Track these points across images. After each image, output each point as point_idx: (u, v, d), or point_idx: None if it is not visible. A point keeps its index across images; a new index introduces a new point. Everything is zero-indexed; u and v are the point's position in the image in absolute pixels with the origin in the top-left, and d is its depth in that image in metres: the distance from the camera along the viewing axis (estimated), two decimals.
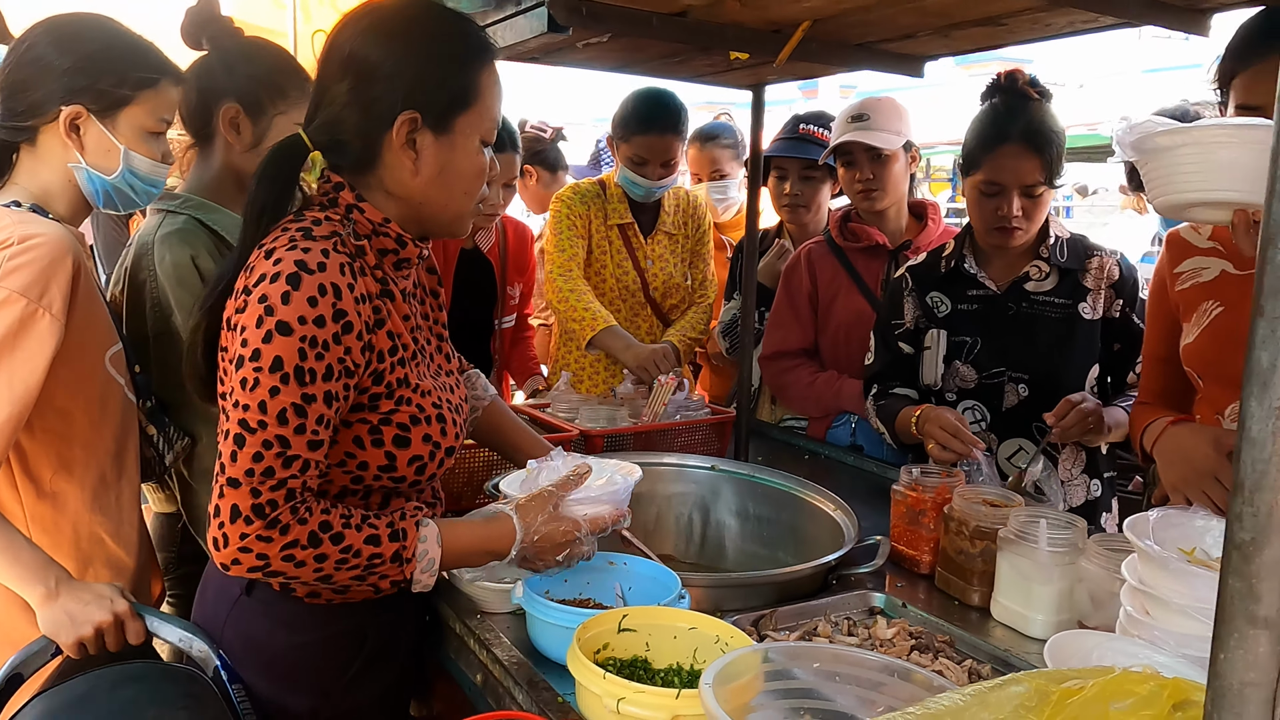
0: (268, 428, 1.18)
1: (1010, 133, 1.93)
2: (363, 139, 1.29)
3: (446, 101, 1.29)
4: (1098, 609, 1.42)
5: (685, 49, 1.74)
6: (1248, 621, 0.52)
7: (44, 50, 1.53)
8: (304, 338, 1.18)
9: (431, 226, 1.38)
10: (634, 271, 2.90)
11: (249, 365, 1.18)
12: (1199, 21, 1.35)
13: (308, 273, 1.20)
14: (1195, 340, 1.67)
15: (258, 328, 1.18)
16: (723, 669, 1.05)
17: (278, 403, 1.18)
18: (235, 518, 1.17)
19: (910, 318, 2.19)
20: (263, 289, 1.19)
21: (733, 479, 2.05)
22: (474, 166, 1.34)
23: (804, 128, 2.78)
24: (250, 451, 1.18)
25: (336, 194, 1.32)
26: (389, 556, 1.25)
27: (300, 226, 1.26)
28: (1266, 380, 0.51)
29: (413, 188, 1.32)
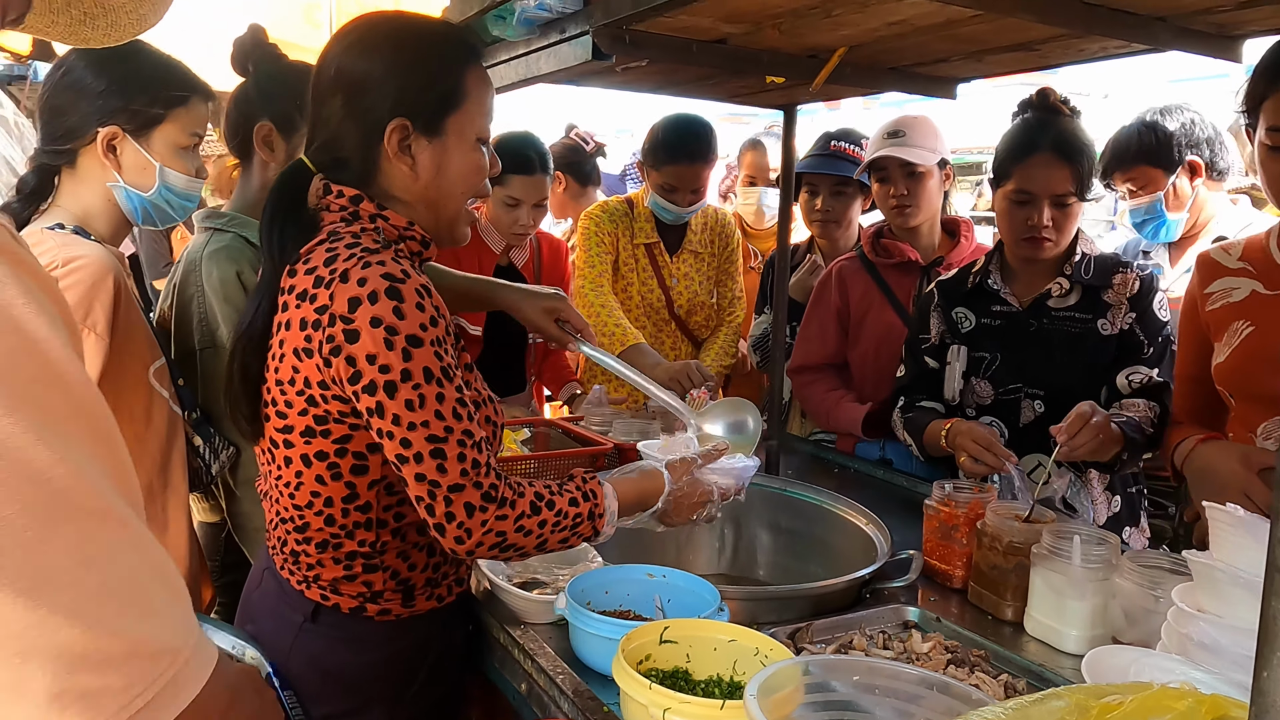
0: (454, 431, 1.24)
1: (1041, 143, 1.95)
2: (361, 152, 1.34)
3: (434, 105, 1.32)
4: (1132, 625, 1.43)
5: (720, 71, 1.78)
6: None
7: (80, 74, 1.59)
8: (433, 341, 1.23)
9: (439, 232, 1.42)
10: (659, 289, 2.98)
11: (405, 387, 1.21)
12: (1230, 47, 1.37)
13: (400, 283, 1.22)
14: (1226, 360, 1.69)
15: (390, 350, 1.20)
16: (765, 681, 1.07)
17: (447, 405, 1.24)
18: (472, 512, 1.24)
19: (935, 333, 2.21)
20: (367, 313, 1.21)
21: (765, 492, 2.07)
22: (470, 165, 1.38)
23: (835, 144, 2.81)
24: (454, 454, 1.23)
25: (356, 206, 1.34)
26: (586, 514, 1.35)
27: (346, 244, 1.28)
28: None
29: (415, 192, 1.36)
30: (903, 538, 1.78)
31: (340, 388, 1.25)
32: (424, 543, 1.39)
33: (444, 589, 1.45)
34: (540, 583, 1.58)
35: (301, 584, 1.39)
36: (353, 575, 1.36)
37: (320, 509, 1.33)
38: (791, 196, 2.39)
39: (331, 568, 1.36)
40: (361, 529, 1.34)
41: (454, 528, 1.24)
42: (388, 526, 1.35)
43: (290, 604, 1.40)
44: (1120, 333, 2.00)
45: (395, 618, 1.40)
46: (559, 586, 1.52)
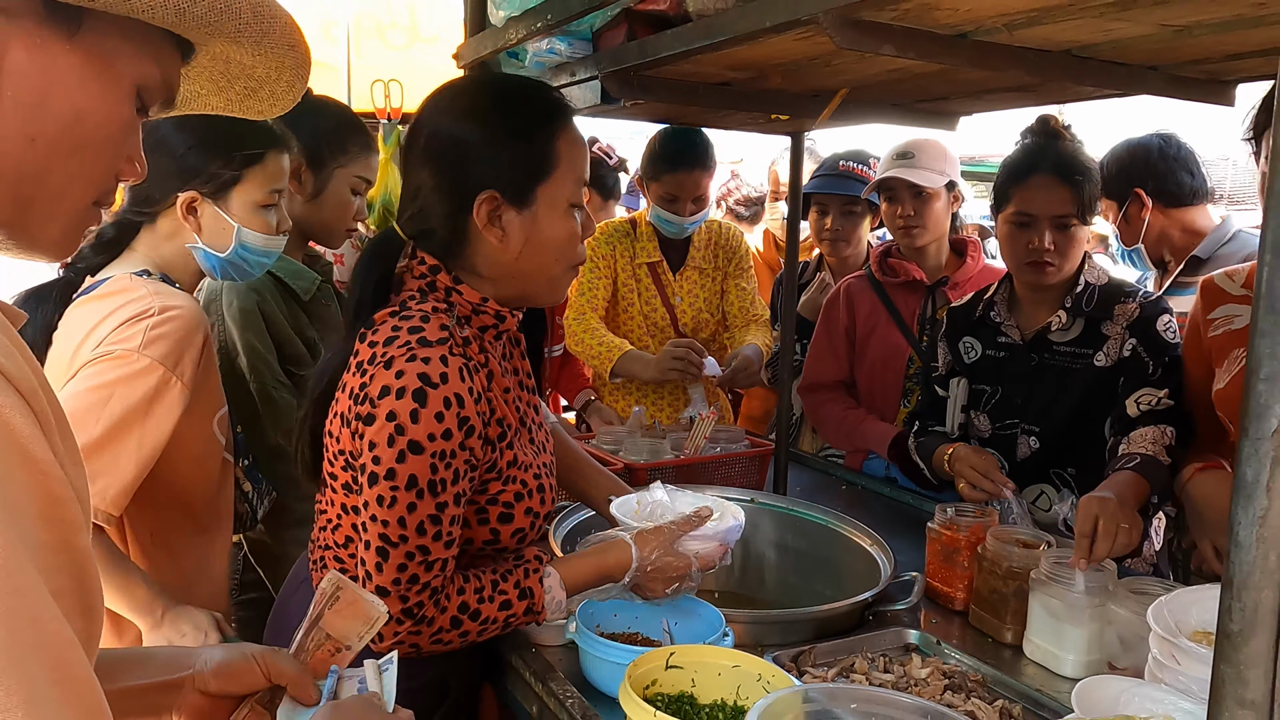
0: (408, 540, 1.25)
1: (1041, 164, 1.94)
2: (449, 223, 1.33)
3: (524, 175, 1.30)
4: (1127, 651, 1.46)
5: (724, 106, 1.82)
6: (1237, 703, 0.59)
7: (166, 134, 1.59)
8: (435, 453, 1.24)
9: (531, 297, 1.41)
10: (663, 308, 2.97)
11: (384, 483, 1.24)
12: (1223, 92, 1.40)
13: (431, 387, 1.23)
14: (1226, 387, 1.71)
15: (390, 446, 1.22)
16: (766, 708, 1.12)
17: (415, 517, 1.25)
18: (388, 621, 1.23)
19: (943, 363, 2.23)
20: (389, 405, 1.22)
21: (772, 512, 2.11)
22: (563, 233, 1.34)
23: (844, 165, 2.86)
24: (395, 563, 1.26)
25: (434, 276, 1.34)
26: (522, 613, 1.37)
27: (411, 326, 1.28)
28: (1251, 493, 0.58)
29: (505, 264, 1.34)
30: (907, 559, 1.81)
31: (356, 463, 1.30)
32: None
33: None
34: None
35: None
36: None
37: (354, 552, 1.37)
38: (799, 216, 2.42)
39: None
40: None
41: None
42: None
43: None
44: (1119, 361, 1.97)
45: (417, 655, 1.41)
46: (570, 610, 1.57)
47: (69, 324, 1.56)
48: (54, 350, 1.55)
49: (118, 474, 1.45)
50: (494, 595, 1.35)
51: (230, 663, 0.96)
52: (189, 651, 0.97)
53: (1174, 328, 1.97)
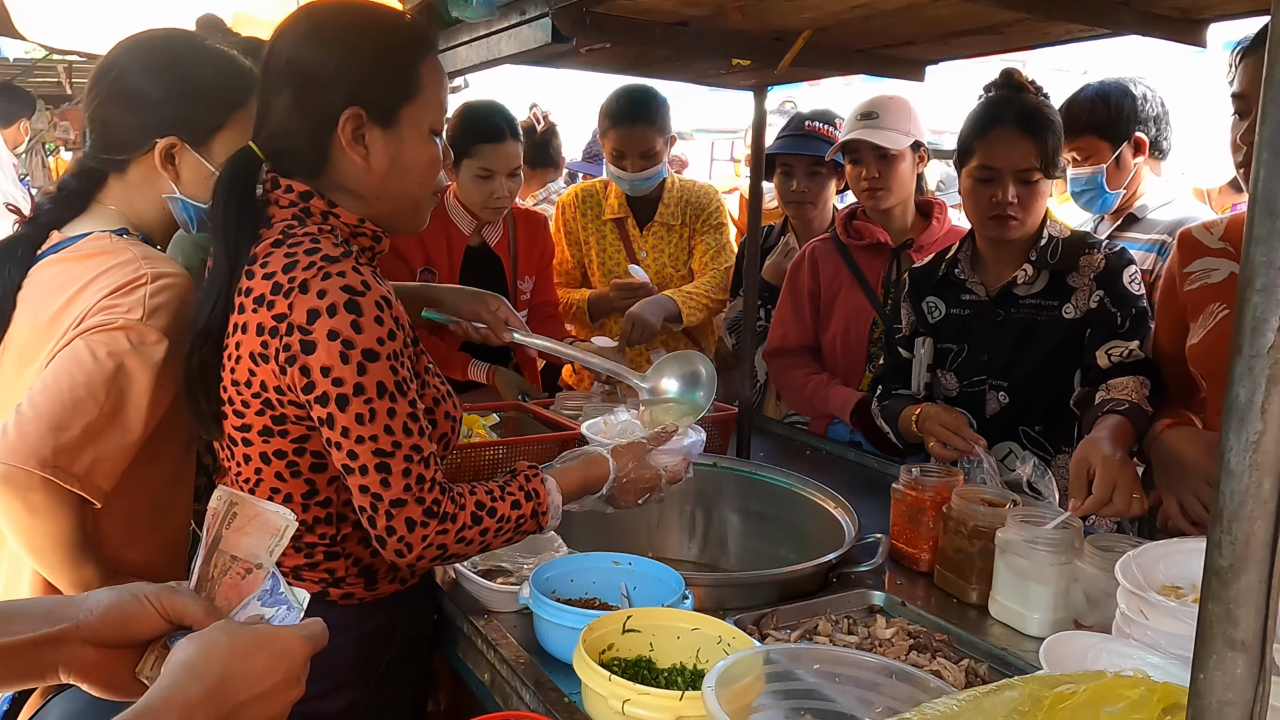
0: (402, 445, 1.25)
1: (1004, 116, 1.91)
2: (312, 142, 1.32)
3: (389, 95, 1.32)
4: (1093, 608, 1.44)
5: (686, 53, 1.76)
6: (1226, 644, 0.54)
7: (135, 80, 1.50)
8: (389, 355, 1.24)
9: (393, 221, 1.41)
10: (627, 261, 3.03)
11: (357, 401, 1.22)
12: (1195, 32, 1.36)
13: (359, 295, 1.23)
14: (1201, 341, 1.69)
15: (345, 364, 1.22)
16: (725, 671, 1.08)
17: (399, 420, 1.24)
18: (413, 527, 1.26)
19: (906, 323, 2.20)
20: (325, 326, 1.22)
21: (735, 476, 2.08)
22: (426, 156, 1.37)
23: (809, 125, 2.79)
24: (399, 470, 1.25)
25: (306, 203, 1.33)
26: (530, 514, 1.38)
27: (306, 249, 1.27)
28: (1245, 415, 0.53)
29: (368, 183, 1.35)
30: (871, 521, 1.78)
31: (295, 395, 1.26)
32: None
33: (407, 571, 1.45)
34: (504, 571, 1.57)
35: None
36: (314, 563, 1.37)
37: (281, 503, 1.32)
38: (761, 177, 2.36)
39: (293, 557, 1.37)
40: (322, 523, 1.35)
41: (395, 541, 1.26)
42: (348, 520, 1.36)
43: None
44: (1087, 313, 1.95)
45: (359, 601, 1.40)
46: (523, 575, 1.51)
47: (40, 284, 1.46)
48: (25, 312, 1.46)
49: (122, 448, 1.37)
50: (504, 495, 1.36)
51: (120, 605, 0.85)
52: (71, 600, 0.87)
53: (1139, 279, 1.96)
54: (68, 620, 0.83)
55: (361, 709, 1.41)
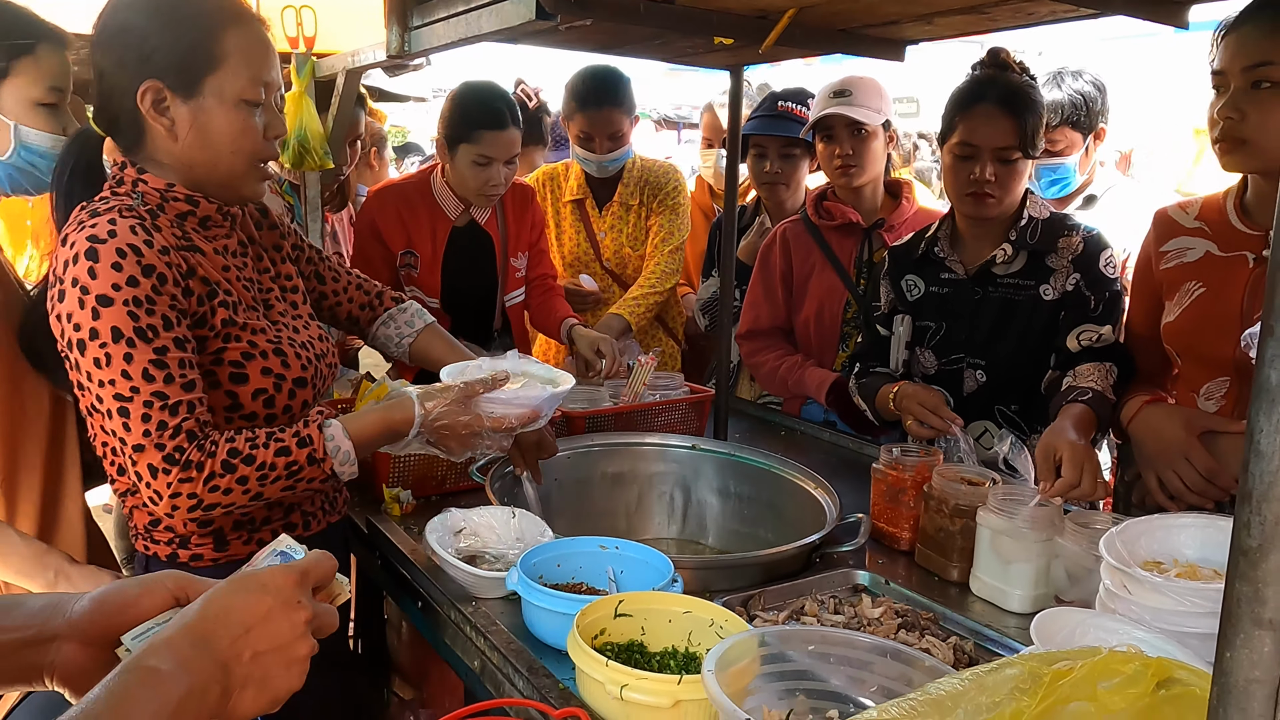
0: (140, 391, 1.27)
1: (986, 94, 1.92)
2: (125, 114, 1.35)
3: (188, 65, 1.33)
4: (1074, 584, 1.47)
5: (667, 32, 1.73)
6: (1253, 623, 0.55)
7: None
8: (126, 301, 1.26)
9: (211, 189, 1.41)
10: (587, 243, 3.06)
11: (94, 345, 1.26)
12: (1177, 13, 1.38)
13: (100, 243, 1.26)
14: (1176, 320, 1.72)
15: (82, 309, 1.26)
16: (722, 655, 1.07)
17: (137, 365, 1.27)
18: (155, 474, 1.28)
19: (885, 301, 2.21)
20: (69, 275, 1.26)
21: (713, 458, 2.08)
22: (234, 126, 1.36)
23: (782, 105, 2.77)
24: (138, 414, 1.27)
25: (121, 173, 1.38)
26: (304, 460, 1.36)
27: (88, 209, 1.33)
28: (1275, 397, 0.53)
29: (177, 154, 1.37)
30: (851, 501, 1.79)
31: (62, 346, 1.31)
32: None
33: (266, 534, 1.48)
34: (490, 557, 1.56)
35: (134, 535, 1.47)
36: (156, 521, 1.42)
37: (111, 459, 1.40)
38: (738, 157, 2.35)
39: (139, 514, 1.43)
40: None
41: (145, 488, 1.29)
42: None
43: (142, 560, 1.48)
44: (1063, 295, 1.98)
45: (212, 563, 1.43)
46: (510, 561, 1.50)
47: None
48: None
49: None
50: (269, 442, 1.35)
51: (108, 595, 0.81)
52: (63, 598, 0.83)
53: (1114, 263, 1.99)
54: (58, 618, 0.79)
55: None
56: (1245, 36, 1.51)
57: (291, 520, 1.54)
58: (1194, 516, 1.38)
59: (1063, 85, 2.55)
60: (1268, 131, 1.50)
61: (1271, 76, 1.48)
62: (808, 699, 1.14)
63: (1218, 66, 1.54)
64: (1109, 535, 1.31)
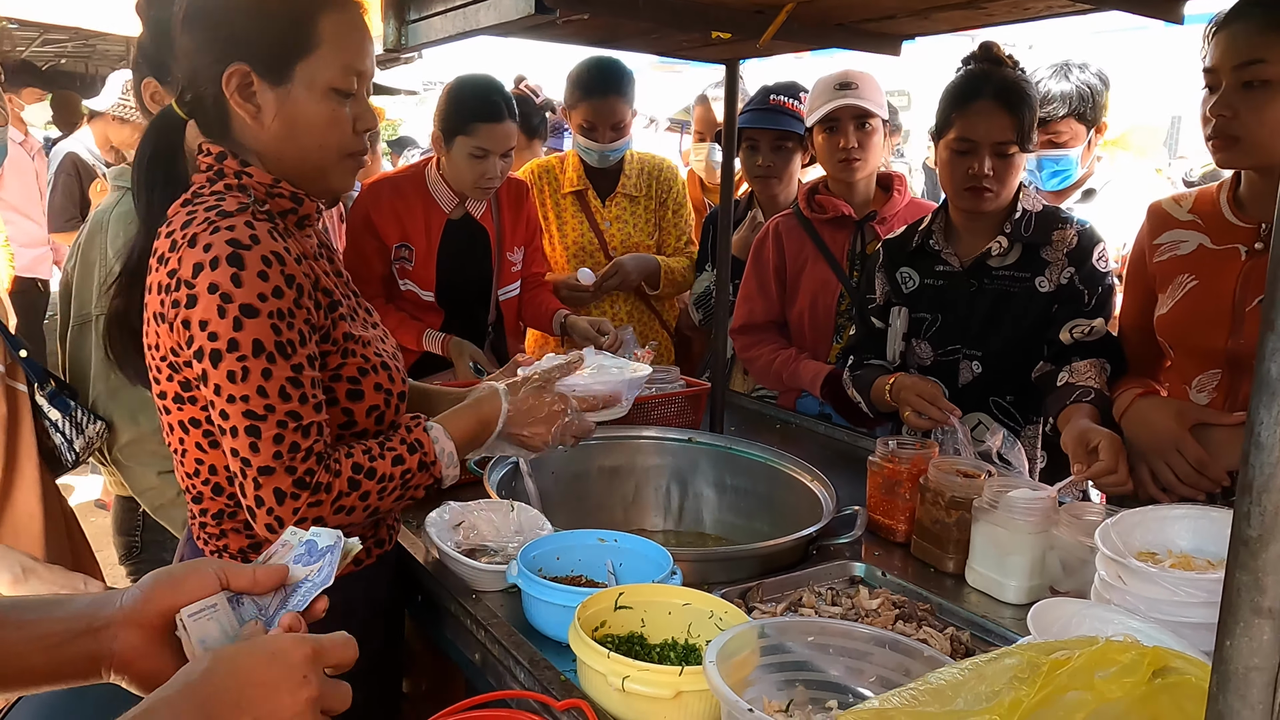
0: (275, 409, 1.19)
1: (983, 90, 1.94)
2: (210, 98, 1.28)
3: (280, 49, 1.25)
4: (1069, 575, 1.48)
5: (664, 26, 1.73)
6: (1253, 612, 0.56)
7: None
8: (271, 313, 1.18)
9: (301, 182, 1.34)
10: (591, 233, 3.04)
11: (230, 357, 1.17)
12: (1172, 8, 1.39)
13: (244, 249, 1.18)
14: (1169, 312, 1.73)
15: (222, 318, 1.16)
16: (723, 646, 1.08)
17: (274, 383, 1.18)
18: (282, 499, 1.20)
19: (880, 293, 2.22)
20: (206, 279, 1.17)
21: (710, 451, 2.08)
22: (322, 117, 1.29)
23: (774, 99, 2.78)
24: (270, 435, 1.19)
25: (220, 164, 1.29)
26: (416, 467, 1.31)
27: (207, 206, 1.23)
28: (1275, 390, 0.54)
29: (264, 142, 1.29)
30: (847, 493, 1.80)
31: (186, 354, 1.22)
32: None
33: (361, 552, 1.42)
34: (489, 551, 1.56)
35: (215, 555, 1.37)
36: (257, 544, 1.34)
37: (206, 477, 1.31)
38: (734, 151, 2.35)
39: (235, 538, 1.35)
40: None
41: (264, 514, 1.20)
42: None
43: None
44: (1058, 288, 2.00)
45: None
46: (509, 554, 1.50)
47: None
48: None
49: None
50: (384, 452, 1.30)
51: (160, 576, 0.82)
52: (110, 593, 0.84)
53: (1106, 257, 2.01)
54: (109, 607, 0.80)
55: None
56: (1236, 34, 1.52)
57: (380, 536, 1.48)
58: (1187, 508, 1.39)
59: (1070, 76, 2.54)
60: (1261, 128, 1.52)
61: (1263, 74, 1.50)
62: (807, 689, 1.15)
63: (1209, 64, 1.56)
64: (1104, 527, 1.33)
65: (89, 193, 4.83)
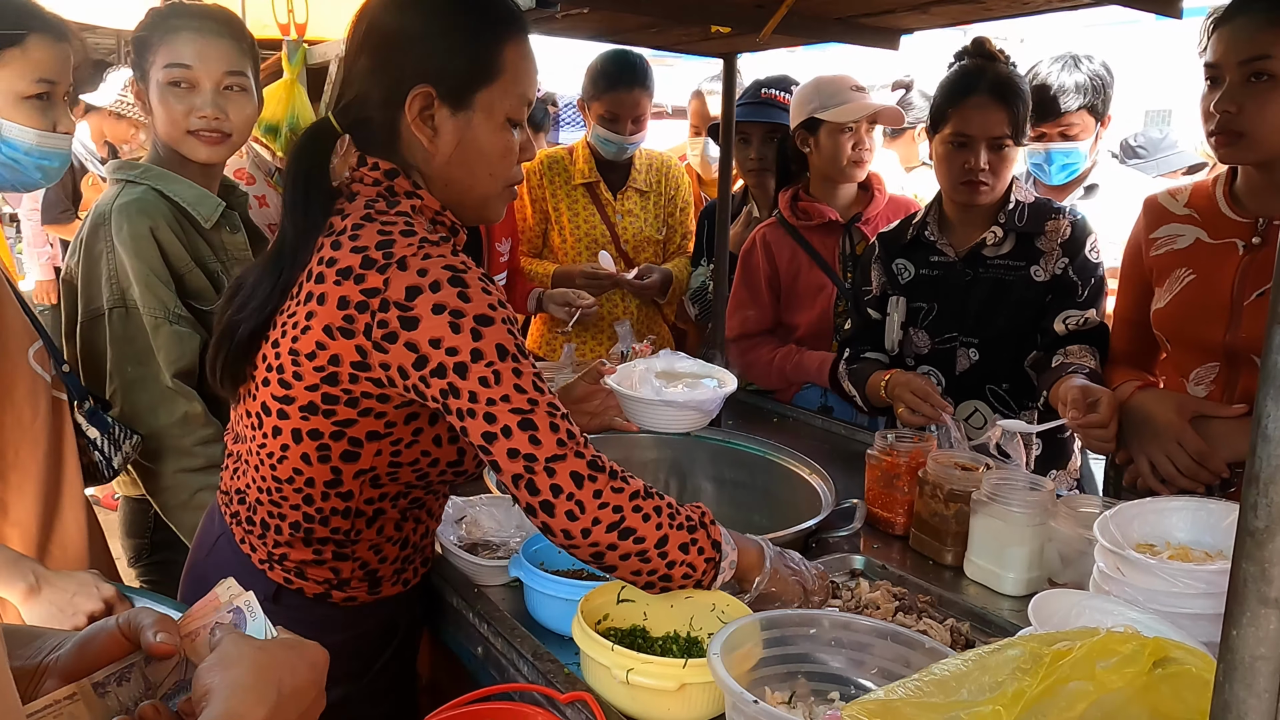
0: (539, 402, 1.15)
1: (978, 85, 1.96)
2: (384, 117, 1.26)
3: (465, 75, 1.24)
4: (1067, 566, 1.49)
5: (663, 19, 1.73)
6: (1259, 602, 0.57)
7: None
8: (504, 320, 1.17)
9: (463, 211, 1.33)
10: (603, 225, 3.04)
11: (478, 366, 1.13)
12: (1170, 3, 1.39)
13: (462, 271, 1.17)
14: (1166, 306, 1.74)
15: (457, 333, 1.14)
16: (727, 638, 1.09)
17: (527, 378, 1.16)
18: (580, 482, 1.14)
19: (876, 284, 2.24)
20: (429, 301, 1.14)
21: (708, 445, 2.09)
22: (498, 146, 1.28)
23: (766, 92, 2.78)
24: (546, 424, 1.14)
25: (391, 181, 1.27)
26: (699, 521, 1.23)
27: (401, 229, 1.20)
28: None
29: (433, 167, 1.28)
30: (845, 486, 1.81)
31: (399, 374, 1.18)
32: (398, 537, 1.36)
33: (410, 573, 1.43)
34: (491, 545, 1.57)
35: (264, 564, 1.34)
36: (321, 561, 1.32)
37: (300, 487, 1.28)
38: (732, 145, 2.35)
39: (301, 549, 1.32)
40: (338, 516, 1.30)
41: (564, 502, 1.14)
42: (364, 517, 1.31)
43: (248, 580, 1.35)
44: (1052, 278, 2.03)
45: (360, 604, 1.37)
46: (511, 548, 1.51)
47: None
48: None
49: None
50: (661, 496, 1.22)
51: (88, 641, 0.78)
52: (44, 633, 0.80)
53: (1098, 248, 2.04)
54: (49, 653, 0.77)
55: (353, 700, 1.38)
56: (1239, 29, 1.52)
57: (428, 554, 1.47)
58: (1185, 500, 1.40)
59: (1080, 67, 2.51)
60: (1265, 124, 1.52)
61: (1268, 69, 1.50)
62: (809, 681, 1.16)
63: (1211, 59, 1.56)
64: (1102, 519, 1.33)
65: (80, 186, 4.81)
